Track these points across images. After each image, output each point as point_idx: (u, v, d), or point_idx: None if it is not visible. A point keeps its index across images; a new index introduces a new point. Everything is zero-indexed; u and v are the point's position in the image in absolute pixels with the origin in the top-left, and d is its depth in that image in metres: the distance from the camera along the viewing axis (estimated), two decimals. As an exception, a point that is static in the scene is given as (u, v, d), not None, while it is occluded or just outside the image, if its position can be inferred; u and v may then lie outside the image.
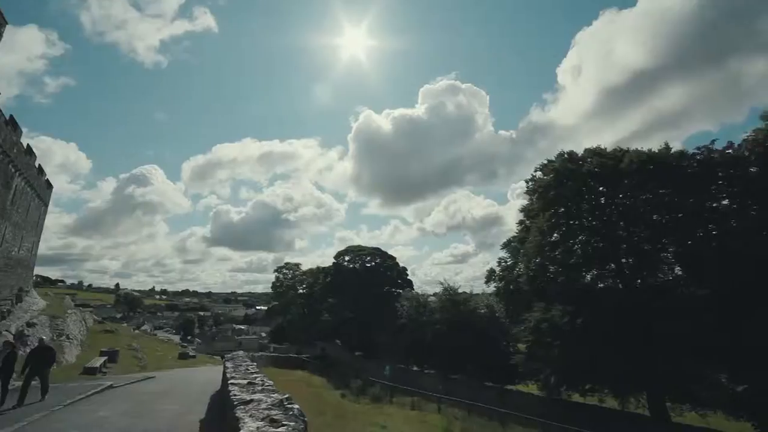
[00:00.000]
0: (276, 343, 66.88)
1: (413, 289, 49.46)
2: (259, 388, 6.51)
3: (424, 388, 30.84)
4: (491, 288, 38.39)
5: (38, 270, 40.00)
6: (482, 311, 35.54)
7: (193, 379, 19.36)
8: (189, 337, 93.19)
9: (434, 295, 44.07)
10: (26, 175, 25.73)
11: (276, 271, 66.13)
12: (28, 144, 25.29)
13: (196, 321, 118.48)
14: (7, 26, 14.76)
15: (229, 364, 10.64)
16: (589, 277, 26.44)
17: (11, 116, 22.03)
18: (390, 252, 56.62)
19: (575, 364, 22.43)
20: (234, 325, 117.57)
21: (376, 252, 54.88)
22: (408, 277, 54.55)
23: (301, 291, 62.86)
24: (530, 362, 26.79)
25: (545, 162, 30.51)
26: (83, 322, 33.91)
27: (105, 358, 23.60)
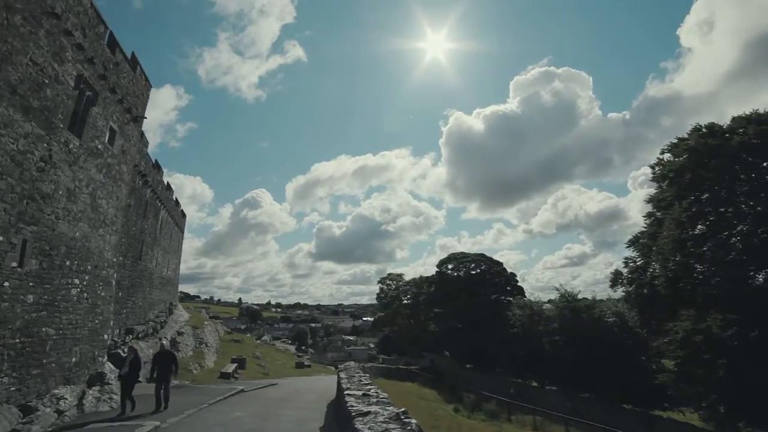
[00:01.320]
0: (384, 354, 67.87)
1: (524, 296, 45.71)
2: (374, 400, 6.46)
3: (545, 406, 27.72)
4: (619, 293, 33.02)
5: (180, 287, 47.01)
6: (610, 320, 30.89)
7: (310, 388, 20.17)
8: (303, 347, 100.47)
9: (550, 302, 40.08)
10: (168, 207, 30.52)
11: (379, 282, 67.45)
12: (167, 181, 30.07)
13: (309, 332, 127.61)
14: (151, 89, 17.92)
15: (343, 375, 10.65)
16: (760, 277, 20.97)
17: (156, 161, 26.40)
18: (495, 257, 53.53)
19: (754, 391, 17.57)
20: (343, 336, 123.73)
21: (481, 258, 52.32)
22: (518, 284, 50.61)
23: (405, 301, 62.97)
24: (684, 384, 21.63)
25: (675, 141, 25.63)
26: (216, 332, 38.71)
27: (236, 364, 26.24)
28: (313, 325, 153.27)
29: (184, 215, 39.61)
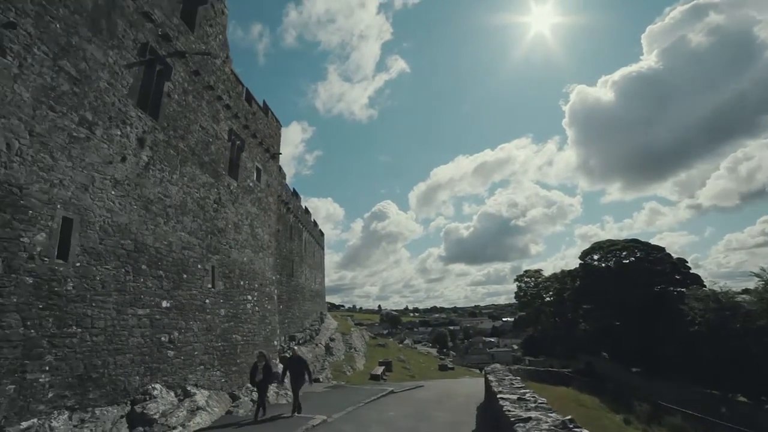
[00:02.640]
0: (530, 356, 63.40)
1: (703, 286, 37.18)
2: (532, 405, 6.00)
3: (759, 427, 21.73)
4: None
5: (327, 298, 52.47)
6: None
7: (457, 390, 20.04)
8: (444, 350, 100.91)
9: (747, 292, 31.78)
10: (308, 228, 34.58)
11: (516, 280, 63.75)
12: (305, 206, 34.13)
13: (448, 335, 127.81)
14: (282, 128, 20.94)
15: (491, 378, 10.29)
16: None
17: (294, 189, 30.31)
18: (653, 242, 45.26)
19: None
20: (483, 338, 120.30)
21: (634, 245, 44.93)
22: (689, 271, 41.66)
23: (547, 298, 58.03)
24: None
25: None
26: (363, 338, 41.91)
27: (383, 367, 27.86)
28: (451, 327, 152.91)
29: (322, 234, 44.44)
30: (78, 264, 7.97)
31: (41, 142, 7.43)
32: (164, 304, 10.33)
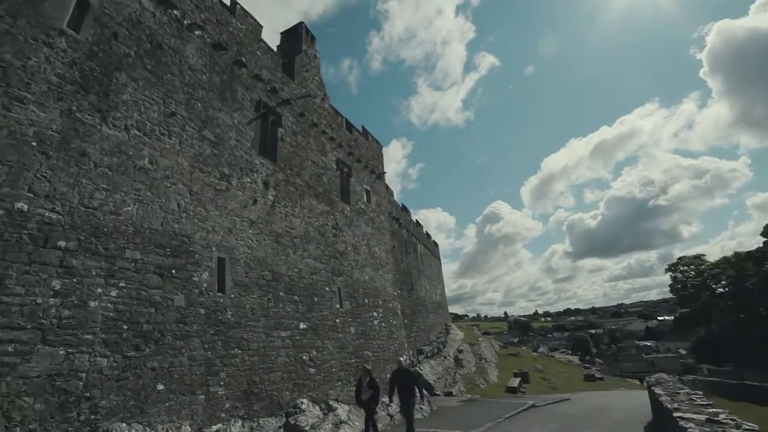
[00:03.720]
0: (709, 364, 50.81)
1: None
2: (732, 430, 4.65)
3: None
4: None
5: (449, 309, 51.73)
6: None
7: (611, 405, 17.50)
8: (587, 357, 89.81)
9: None
10: (422, 241, 34.92)
11: (669, 270, 52.64)
12: (416, 219, 34.64)
13: (590, 340, 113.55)
14: (383, 148, 22.03)
15: (658, 390, 8.65)
16: None
17: (402, 204, 31.12)
18: None
19: None
20: (636, 342, 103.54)
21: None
22: None
23: (720, 289, 46.82)
24: None
25: None
26: (492, 348, 39.98)
27: (519, 378, 26.03)
28: (592, 331, 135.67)
29: (436, 244, 44.49)
30: (233, 295, 9.43)
31: (197, 199, 9.12)
32: (302, 325, 11.48)
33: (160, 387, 7.28)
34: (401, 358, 9.81)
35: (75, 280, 6.44)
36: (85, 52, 7.42)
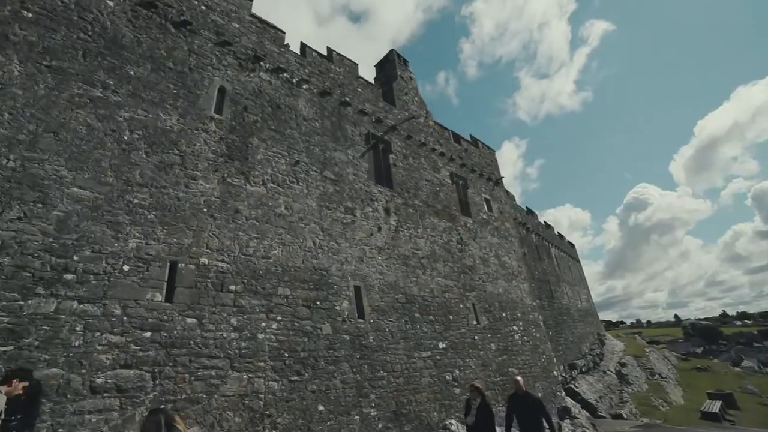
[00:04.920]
0: None
1: None
2: None
3: None
4: None
5: (599, 316, 45.28)
6: None
7: None
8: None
9: None
10: (554, 243, 31.74)
11: None
12: (544, 221, 31.79)
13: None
14: (495, 152, 21.15)
15: None
16: None
17: (526, 207, 28.99)
18: None
19: None
20: None
21: None
22: None
23: None
24: None
25: None
26: (666, 360, 33.16)
27: (719, 402, 20.69)
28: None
29: (572, 245, 39.97)
30: (371, 320, 9.90)
31: (329, 234, 10.00)
32: (440, 345, 11.36)
33: (321, 408, 7.97)
34: (518, 378, 7.54)
35: (245, 316, 7.62)
36: (227, 128, 9.00)
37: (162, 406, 5.71)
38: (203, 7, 9.76)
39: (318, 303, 8.96)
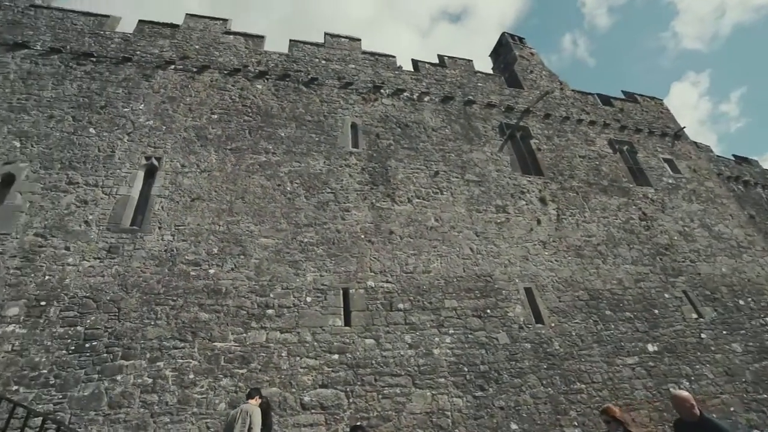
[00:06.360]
0: None
1: None
2: None
3: None
4: None
5: None
6: None
7: None
8: None
9: None
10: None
11: None
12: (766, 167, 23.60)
13: None
14: (662, 101, 17.08)
15: None
16: None
17: (733, 155, 22.17)
18: None
19: None
20: None
21: None
22: None
23: None
24: None
25: None
26: None
27: None
28: None
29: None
30: (552, 324, 8.72)
31: (484, 238, 9.45)
32: (650, 347, 9.16)
33: (514, 426, 7.22)
34: (681, 393, 4.12)
35: (418, 333, 7.65)
36: (365, 157, 9.62)
37: (359, 423, 6.07)
38: (324, 62, 11.01)
39: (488, 311, 8.40)
